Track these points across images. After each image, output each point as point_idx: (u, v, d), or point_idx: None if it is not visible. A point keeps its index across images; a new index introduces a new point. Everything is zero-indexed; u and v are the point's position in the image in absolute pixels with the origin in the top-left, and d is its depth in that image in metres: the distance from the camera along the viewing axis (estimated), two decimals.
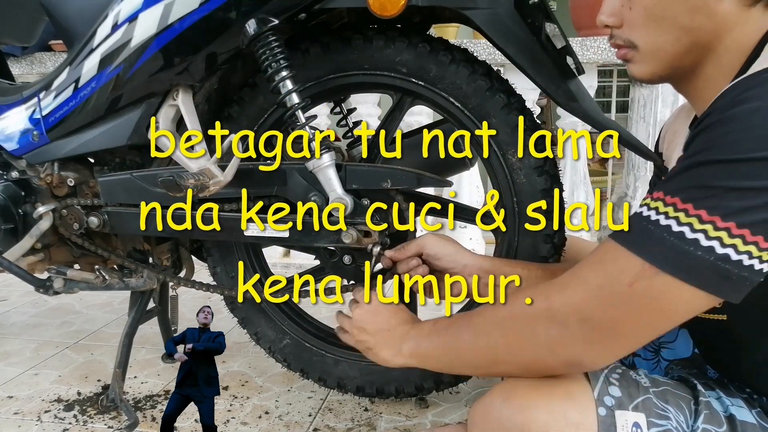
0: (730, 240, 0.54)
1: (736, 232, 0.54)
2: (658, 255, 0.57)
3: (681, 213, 0.56)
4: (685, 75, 0.71)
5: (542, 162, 0.99)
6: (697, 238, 0.55)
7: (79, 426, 1.21)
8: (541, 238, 1.01)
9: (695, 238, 0.55)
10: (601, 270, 0.62)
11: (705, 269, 0.56)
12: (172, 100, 1.06)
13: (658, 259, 0.57)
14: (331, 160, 0.98)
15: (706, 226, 0.55)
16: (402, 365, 0.84)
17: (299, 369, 1.23)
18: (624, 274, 0.59)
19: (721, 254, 0.55)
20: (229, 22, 0.96)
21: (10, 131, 1.18)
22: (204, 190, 1.01)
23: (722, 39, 0.65)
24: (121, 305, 1.92)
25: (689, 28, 0.65)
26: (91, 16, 1.07)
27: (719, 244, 0.55)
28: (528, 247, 1.03)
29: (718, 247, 0.55)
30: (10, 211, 1.23)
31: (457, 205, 1.15)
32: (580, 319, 0.62)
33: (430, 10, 1.02)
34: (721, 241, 0.54)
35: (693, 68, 0.69)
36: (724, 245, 0.54)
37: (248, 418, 1.23)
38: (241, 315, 1.23)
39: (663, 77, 0.71)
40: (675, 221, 0.57)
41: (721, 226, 0.54)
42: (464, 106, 1.00)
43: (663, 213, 0.58)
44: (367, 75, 1.04)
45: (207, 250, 1.22)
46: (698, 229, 0.55)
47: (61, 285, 1.24)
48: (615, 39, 0.73)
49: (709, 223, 0.55)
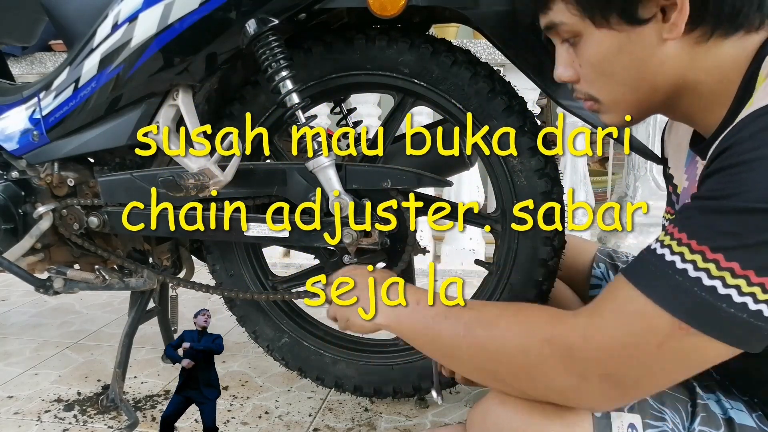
0: (765, 296, 0.52)
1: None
2: (692, 313, 0.54)
3: (711, 264, 0.53)
4: (667, 110, 0.70)
5: (543, 164, 0.99)
6: (730, 294, 0.53)
7: (79, 426, 1.21)
8: (541, 240, 1.01)
9: (728, 294, 0.53)
10: (627, 326, 0.58)
11: (739, 326, 0.53)
12: (172, 100, 1.06)
13: (692, 317, 0.54)
14: (331, 160, 0.98)
15: (740, 281, 0.52)
16: (373, 331, 0.80)
17: (297, 368, 1.23)
18: (653, 335, 0.56)
19: (754, 310, 0.52)
20: (229, 22, 0.96)
21: (10, 131, 1.18)
22: (204, 190, 1.01)
23: (688, 76, 0.64)
24: (121, 305, 1.92)
25: (642, 77, 0.65)
26: (91, 16, 1.07)
27: (752, 300, 0.52)
28: (528, 248, 1.02)
29: (752, 304, 0.52)
30: (10, 211, 1.23)
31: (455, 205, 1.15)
32: (603, 375, 0.59)
33: (430, 10, 1.02)
34: (755, 297, 0.52)
35: (671, 104, 0.68)
36: (757, 301, 0.52)
37: (248, 418, 1.23)
38: (240, 313, 1.23)
39: (638, 120, 0.70)
40: (706, 274, 0.53)
41: (756, 281, 0.52)
42: (466, 108, 1.00)
43: (690, 261, 0.54)
44: (369, 75, 1.04)
45: (206, 249, 1.22)
46: (731, 285, 0.52)
47: (61, 285, 1.24)
48: (576, 93, 0.72)
49: (742, 278, 0.52)
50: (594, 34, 0.66)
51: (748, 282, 0.52)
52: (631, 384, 0.59)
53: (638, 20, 0.62)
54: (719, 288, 0.53)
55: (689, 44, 0.63)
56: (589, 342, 0.59)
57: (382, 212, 0.98)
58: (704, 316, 0.54)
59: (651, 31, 0.63)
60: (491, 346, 0.66)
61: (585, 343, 0.59)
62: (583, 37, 0.67)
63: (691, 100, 0.66)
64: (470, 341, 0.67)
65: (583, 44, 0.68)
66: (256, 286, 1.21)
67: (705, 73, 0.64)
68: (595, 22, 0.65)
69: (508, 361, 0.65)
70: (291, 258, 2.39)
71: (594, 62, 0.67)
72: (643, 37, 0.63)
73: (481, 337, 0.67)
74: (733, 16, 0.61)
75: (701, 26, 0.61)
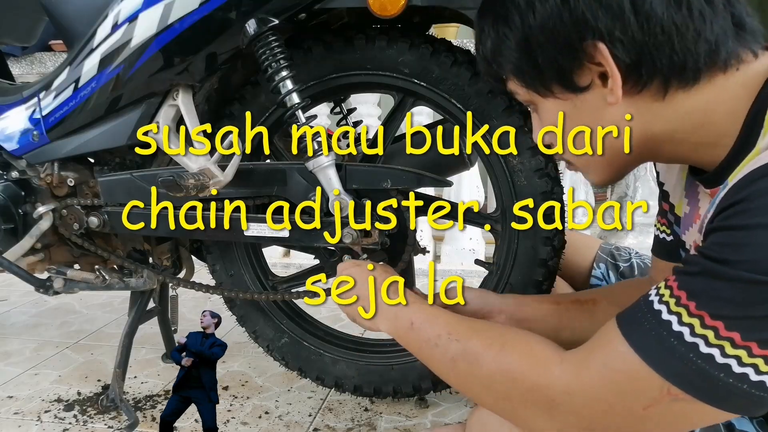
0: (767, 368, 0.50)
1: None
2: (686, 380, 0.52)
3: (710, 331, 0.51)
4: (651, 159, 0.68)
5: (543, 164, 0.99)
6: (729, 363, 0.50)
7: (79, 426, 1.21)
8: (541, 240, 1.01)
9: (727, 364, 0.50)
10: (614, 384, 0.56)
11: (738, 396, 0.51)
12: (172, 100, 1.06)
13: (686, 384, 0.52)
14: (331, 160, 0.98)
15: (740, 352, 0.50)
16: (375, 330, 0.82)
17: (297, 368, 1.23)
18: (641, 396, 0.54)
19: (755, 381, 0.50)
20: (229, 22, 0.96)
21: (10, 131, 1.18)
22: (204, 190, 1.01)
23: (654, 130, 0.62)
24: (121, 305, 1.92)
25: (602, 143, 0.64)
26: (91, 16, 1.07)
27: (754, 372, 0.50)
28: (527, 248, 1.03)
29: (753, 375, 0.50)
30: (10, 211, 1.23)
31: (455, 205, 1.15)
32: (582, 428, 0.59)
33: (429, 10, 1.02)
34: (757, 369, 0.50)
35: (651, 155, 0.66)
36: (759, 372, 0.50)
37: (248, 418, 1.23)
38: (240, 313, 1.23)
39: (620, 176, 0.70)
40: (703, 340, 0.51)
41: (758, 353, 0.49)
42: (466, 108, 1.00)
43: (687, 325, 0.52)
44: (369, 75, 1.04)
45: (206, 249, 1.22)
46: (731, 355, 0.50)
47: (61, 285, 1.24)
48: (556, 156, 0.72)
49: (743, 348, 0.50)
50: (545, 103, 0.66)
51: (749, 353, 0.50)
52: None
53: (579, 88, 0.62)
54: (717, 357, 0.51)
55: (645, 102, 0.61)
56: (573, 397, 0.58)
57: (381, 211, 0.98)
58: (700, 383, 0.52)
59: (595, 96, 0.62)
60: (475, 387, 0.68)
61: (568, 398, 0.59)
62: (538, 106, 0.68)
63: (673, 148, 0.64)
64: (455, 377, 0.70)
65: (539, 112, 0.69)
66: (256, 286, 1.21)
67: (676, 122, 0.61)
68: (540, 93, 0.66)
69: (491, 403, 0.67)
70: (291, 258, 2.39)
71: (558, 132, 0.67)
72: (589, 103, 0.63)
73: (464, 375, 0.68)
74: (677, 71, 0.58)
75: (648, 87, 0.59)
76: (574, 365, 0.60)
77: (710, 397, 0.52)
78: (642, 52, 0.58)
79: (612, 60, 0.58)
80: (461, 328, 0.71)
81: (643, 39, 0.57)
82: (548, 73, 0.63)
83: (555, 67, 0.62)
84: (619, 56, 0.58)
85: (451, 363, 0.69)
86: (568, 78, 0.62)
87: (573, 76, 0.62)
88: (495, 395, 0.65)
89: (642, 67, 0.58)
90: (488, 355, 0.66)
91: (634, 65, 0.58)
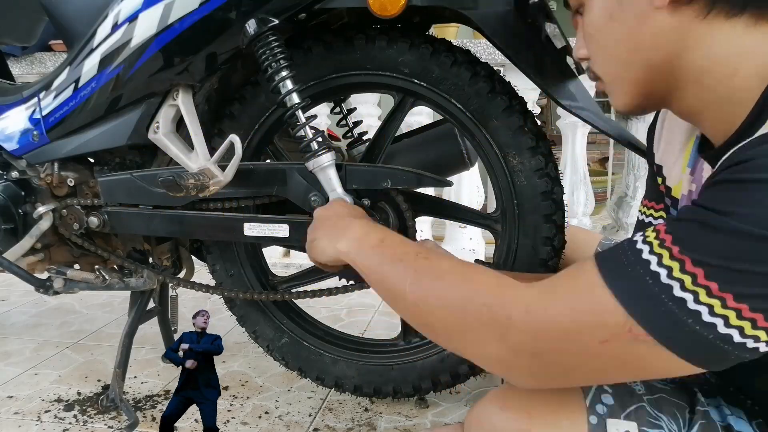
0: (738, 322, 0.49)
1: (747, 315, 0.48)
2: (652, 320, 0.51)
3: (688, 277, 0.50)
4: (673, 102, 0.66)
5: (543, 164, 0.99)
6: (700, 311, 0.49)
7: (79, 426, 1.21)
8: (541, 240, 1.01)
9: (697, 310, 0.49)
10: (576, 312, 0.54)
11: (701, 345, 0.50)
12: (172, 100, 1.06)
13: (651, 324, 0.51)
14: (332, 160, 0.98)
15: (713, 301, 0.49)
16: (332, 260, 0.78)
17: (297, 368, 1.23)
18: (600, 329, 0.53)
19: (723, 333, 0.49)
20: (229, 22, 0.96)
21: (10, 131, 1.18)
22: (204, 190, 1.01)
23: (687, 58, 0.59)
24: (121, 305, 1.92)
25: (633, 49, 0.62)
26: (91, 16, 1.07)
27: (723, 323, 0.49)
28: (527, 248, 1.03)
29: (721, 326, 0.49)
30: (10, 211, 1.23)
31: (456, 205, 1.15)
32: (535, 353, 0.56)
33: (429, 10, 1.02)
34: (726, 321, 0.49)
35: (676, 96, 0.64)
36: (729, 325, 0.49)
37: (248, 418, 1.23)
38: (240, 313, 1.23)
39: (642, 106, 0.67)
40: (679, 284, 0.50)
41: (731, 306, 0.48)
42: (466, 108, 1.00)
43: (666, 267, 0.51)
44: (369, 75, 1.04)
45: (206, 248, 1.22)
46: (704, 302, 0.49)
47: (61, 285, 1.24)
48: (588, 72, 0.70)
49: (717, 298, 0.49)
50: (592, 2, 0.64)
51: (722, 304, 0.49)
52: (560, 371, 0.57)
53: None
54: (690, 302, 0.50)
55: (686, 19, 0.58)
56: (530, 316, 0.56)
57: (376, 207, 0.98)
58: (665, 326, 0.51)
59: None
60: (432, 300, 0.64)
61: (526, 316, 0.56)
62: (586, 6, 0.65)
63: (698, 93, 0.61)
64: (414, 289, 0.65)
65: (585, 15, 0.66)
66: (256, 286, 1.21)
67: (708, 60, 0.58)
68: None
69: (444, 318, 0.63)
70: (291, 258, 2.39)
71: (590, 32, 0.65)
72: (633, 3, 0.60)
73: (425, 287, 0.65)
74: None
75: None
76: (540, 288, 0.58)
77: (672, 342, 0.51)
78: None
79: None
80: (434, 254, 0.69)
81: None
82: None
83: None
84: None
85: (413, 276, 0.66)
86: None
87: None
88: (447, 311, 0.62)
89: None
90: (453, 273, 0.64)
91: None
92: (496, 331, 0.58)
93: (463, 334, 0.61)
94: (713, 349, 0.50)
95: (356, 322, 1.75)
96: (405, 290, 0.66)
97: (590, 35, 0.66)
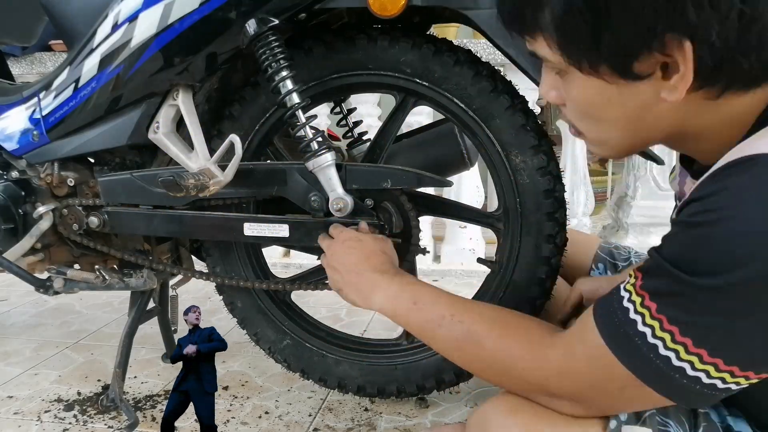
0: (718, 374, 0.54)
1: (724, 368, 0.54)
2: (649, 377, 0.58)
3: (667, 335, 0.55)
4: (667, 146, 0.66)
5: (545, 162, 0.99)
6: (683, 367, 0.55)
7: (79, 426, 1.21)
8: (543, 238, 1.01)
9: (681, 367, 0.55)
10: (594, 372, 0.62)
11: (693, 394, 0.56)
12: (172, 100, 1.06)
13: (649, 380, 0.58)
14: (332, 160, 0.97)
15: (692, 358, 0.54)
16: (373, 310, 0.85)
17: (300, 369, 1.22)
18: (616, 381, 0.60)
19: (707, 383, 0.55)
20: (229, 22, 0.96)
21: (10, 131, 1.18)
22: (204, 190, 1.01)
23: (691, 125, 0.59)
24: (121, 305, 1.92)
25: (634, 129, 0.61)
26: (91, 16, 1.07)
27: (706, 376, 0.54)
28: (530, 246, 1.03)
29: (705, 378, 0.55)
30: (10, 211, 1.23)
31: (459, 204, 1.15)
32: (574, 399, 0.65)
33: (430, 10, 1.02)
34: (708, 374, 0.54)
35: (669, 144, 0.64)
36: (710, 377, 0.54)
37: (248, 418, 1.23)
38: (241, 315, 1.23)
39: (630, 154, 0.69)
40: (662, 343, 0.55)
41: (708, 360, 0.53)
42: (468, 107, 1.00)
43: (649, 326, 0.56)
44: (370, 75, 1.04)
45: (206, 250, 1.22)
46: (684, 359, 0.54)
47: (61, 285, 1.24)
48: (562, 116, 0.67)
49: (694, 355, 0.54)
50: (581, 78, 0.59)
51: (700, 360, 0.54)
52: (598, 408, 0.65)
53: (633, 75, 0.55)
54: (673, 359, 0.55)
55: (697, 99, 0.56)
56: (562, 380, 0.65)
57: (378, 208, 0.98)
58: (659, 381, 0.57)
59: (647, 87, 0.56)
60: (476, 366, 0.74)
61: (558, 380, 0.65)
62: (569, 75, 0.61)
63: (695, 143, 0.62)
64: (458, 357, 0.75)
65: (569, 81, 0.61)
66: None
67: (712, 122, 0.58)
68: (582, 70, 0.58)
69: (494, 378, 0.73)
70: (291, 258, 2.39)
71: (579, 104, 0.62)
72: (638, 93, 0.57)
73: (468, 357, 0.74)
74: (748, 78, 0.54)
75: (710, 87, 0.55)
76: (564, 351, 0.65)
77: (668, 392, 0.58)
78: (726, 58, 0.53)
79: (692, 61, 0.52)
80: (463, 310, 0.76)
81: (736, 44, 0.52)
82: (606, 51, 0.55)
83: (619, 46, 0.54)
84: (703, 58, 0.52)
85: (456, 344, 0.74)
86: (626, 63, 0.55)
87: (634, 61, 0.54)
88: (496, 373, 0.72)
89: (720, 72, 0.54)
90: (490, 337, 0.71)
91: (713, 69, 0.53)
92: (537, 389, 0.67)
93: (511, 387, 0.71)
94: (703, 396, 0.56)
95: (356, 322, 1.75)
96: (451, 356, 0.76)
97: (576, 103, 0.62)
